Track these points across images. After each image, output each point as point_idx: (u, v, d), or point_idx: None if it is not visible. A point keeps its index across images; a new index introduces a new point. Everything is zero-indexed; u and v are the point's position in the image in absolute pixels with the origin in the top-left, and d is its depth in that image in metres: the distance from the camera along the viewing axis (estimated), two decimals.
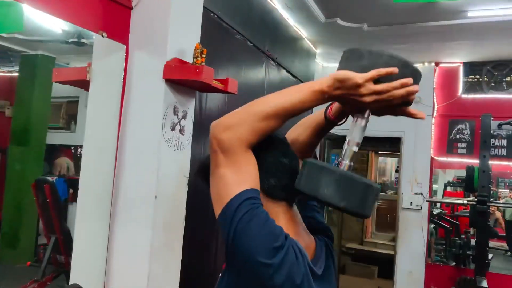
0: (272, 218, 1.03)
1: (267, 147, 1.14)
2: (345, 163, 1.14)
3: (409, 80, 1.07)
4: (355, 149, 1.16)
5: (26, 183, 6.63)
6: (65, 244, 5.06)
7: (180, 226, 2.90)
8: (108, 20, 2.62)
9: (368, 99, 1.07)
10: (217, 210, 1.08)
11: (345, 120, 1.30)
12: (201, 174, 1.26)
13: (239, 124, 1.06)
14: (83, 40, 5.41)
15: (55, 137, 7.73)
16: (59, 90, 7.35)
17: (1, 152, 7.77)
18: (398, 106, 1.12)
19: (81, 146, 8.33)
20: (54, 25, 5.52)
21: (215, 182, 1.10)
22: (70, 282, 2.76)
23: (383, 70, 1.05)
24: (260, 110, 1.07)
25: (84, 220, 2.78)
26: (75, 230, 2.83)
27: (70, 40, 5.41)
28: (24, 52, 6.77)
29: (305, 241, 1.11)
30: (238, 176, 1.05)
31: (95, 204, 2.76)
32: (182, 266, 2.92)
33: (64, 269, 5.17)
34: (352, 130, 1.19)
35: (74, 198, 7.56)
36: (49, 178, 5.23)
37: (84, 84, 2.89)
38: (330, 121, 1.29)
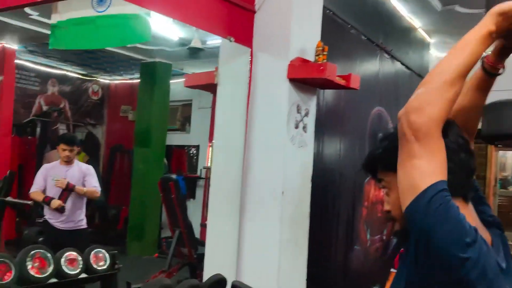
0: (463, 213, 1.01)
1: (446, 133, 1.11)
2: None
3: None
4: None
5: (149, 181, 7.19)
6: (188, 237, 5.40)
7: (305, 221, 2.95)
8: (234, 25, 2.75)
9: None
10: (406, 200, 1.06)
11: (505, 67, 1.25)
12: (369, 167, 1.25)
13: (431, 101, 1.04)
14: (198, 46, 5.73)
15: (172, 138, 8.26)
16: (175, 94, 7.86)
17: (127, 153, 8.52)
18: None
19: (194, 146, 8.82)
20: (171, 33, 5.92)
21: (405, 172, 1.07)
22: (204, 275, 2.95)
23: None
24: (446, 79, 1.04)
25: (216, 215, 2.95)
26: (207, 224, 3.02)
27: (187, 47, 5.75)
28: (143, 60, 7.32)
29: (485, 236, 1.08)
30: (431, 166, 1.04)
31: (225, 201, 2.91)
32: (308, 261, 2.97)
33: (188, 261, 5.52)
34: None
35: (191, 195, 8.05)
36: (173, 176, 5.60)
37: (211, 88, 3.07)
38: (491, 73, 1.24)
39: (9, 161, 6.67)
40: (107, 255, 2.57)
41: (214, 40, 5.84)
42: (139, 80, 7.90)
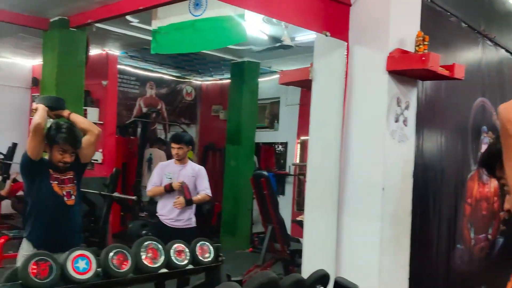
0: None
1: None
2: None
3: None
4: None
5: (241, 177, 7.38)
6: (280, 233, 5.46)
7: (407, 218, 2.85)
8: (330, 20, 2.73)
9: None
10: None
11: None
12: (485, 164, 1.19)
13: None
14: (288, 44, 5.75)
15: (261, 136, 8.39)
16: (263, 92, 7.97)
17: (219, 151, 8.81)
18: None
19: (281, 143, 8.88)
20: (260, 32, 6.01)
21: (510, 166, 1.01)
22: (303, 270, 2.96)
23: None
24: None
25: (313, 211, 2.96)
26: (304, 220, 3.03)
27: (277, 45, 5.81)
28: (233, 60, 7.51)
29: None
30: None
31: (323, 197, 2.90)
32: (410, 261, 2.88)
33: (280, 256, 5.58)
34: None
35: (281, 192, 8.13)
36: (265, 173, 5.69)
37: (306, 84, 3.07)
38: None
39: (114, 159, 7.20)
40: (211, 247, 2.66)
41: (303, 37, 5.84)
42: (228, 80, 8.13)
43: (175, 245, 2.54)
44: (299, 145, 8.36)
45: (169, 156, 6.84)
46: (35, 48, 6.63)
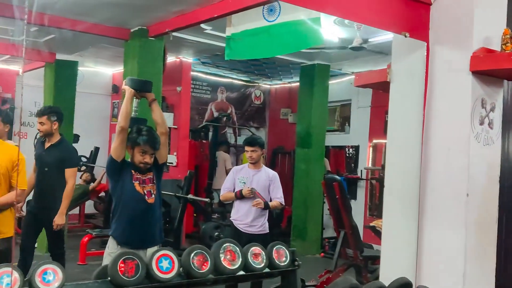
0: None
1: None
2: None
3: None
4: None
5: (311, 181, 7.33)
6: (353, 238, 5.36)
7: (493, 226, 2.70)
8: (409, 20, 2.65)
9: None
10: None
11: None
12: None
13: None
14: (361, 45, 5.65)
15: (331, 139, 8.30)
16: (333, 95, 7.88)
17: (288, 154, 8.83)
18: None
19: (353, 147, 8.72)
20: (332, 35, 5.95)
21: None
22: (381, 277, 2.89)
23: None
24: None
25: (392, 217, 2.87)
26: (383, 227, 2.95)
27: (348, 47, 5.72)
28: (303, 63, 7.49)
29: None
30: None
31: (402, 202, 2.82)
32: (496, 271, 2.71)
33: (353, 262, 5.48)
34: None
35: (352, 196, 7.98)
36: (337, 177, 5.61)
37: (383, 86, 3.00)
38: None
39: (187, 162, 7.44)
40: (287, 251, 2.68)
41: (375, 38, 5.72)
42: (297, 83, 8.12)
43: (252, 248, 2.58)
44: (371, 149, 8.17)
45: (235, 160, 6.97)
46: (115, 57, 7.03)
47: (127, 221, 3.10)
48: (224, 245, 2.46)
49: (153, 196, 3.13)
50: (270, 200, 4.22)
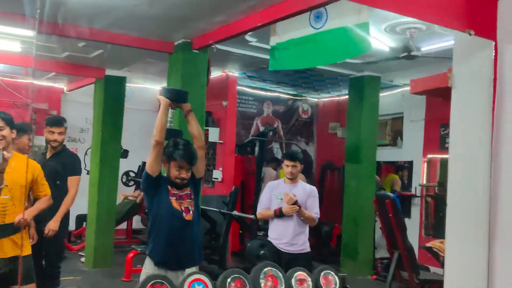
0: None
1: None
2: None
3: None
4: None
5: (361, 198, 6.97)
6: (408, 260, 4.98)
7: None
8: (474, 16, 2.36)
9: None
10: None
11: None
12: None
13: None
14: (413, 53, 5.31)
15: (383, 154, 7.90)
16: (383, 108, 7.52)
17: (337, 170, 8.49)
18: None
19: (407, 162, 8.27)
20: (382, 44, 5.65)
21: None
22: None
23: None
24: None
25: (457, 238, 2.54)
26: (446, 249, 2.62)
27: (401, 56, 5.39)
28: (352, 75, 7.20)
29: None
30: None
31: (468, 222, 2.49)
32: None
33: (408, 286, 5.08)
34: None
35: (406, 214, 7.52)
36: (390, 194, 5.27)
37: (441, 92, 2.70)
38: None
39: (233, 178, 7.28)
40: (336, 278, 2.42)
41: (428, 47, 5.38)
42: (346, 97, 7.82)
43: (297, 273, 2.34)
44: (425, 164, 7.71)
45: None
46: (162, 72, 7.04)
47: (164, 240, 2.94)
48: (265, 269, 2.23)
49: (191, 212, 2.97)
50: None
